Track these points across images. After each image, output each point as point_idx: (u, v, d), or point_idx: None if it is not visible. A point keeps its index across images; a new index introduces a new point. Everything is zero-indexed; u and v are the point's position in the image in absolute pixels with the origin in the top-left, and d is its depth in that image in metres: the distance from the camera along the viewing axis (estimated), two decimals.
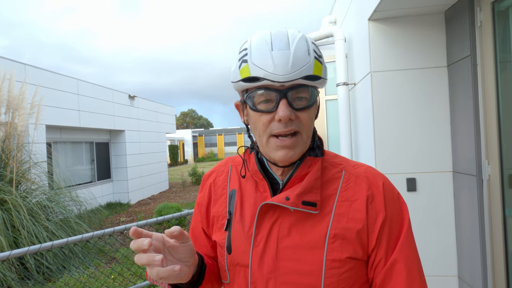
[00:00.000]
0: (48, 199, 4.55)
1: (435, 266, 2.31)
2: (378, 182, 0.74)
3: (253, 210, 0.73)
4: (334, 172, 0.75)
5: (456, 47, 2.14)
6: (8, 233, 3.69)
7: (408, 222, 0.74)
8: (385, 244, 0.70)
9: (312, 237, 0.69)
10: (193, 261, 0.70)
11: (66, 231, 4.25)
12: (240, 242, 0.73)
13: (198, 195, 0.88)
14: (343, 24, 3.33)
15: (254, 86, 0.67)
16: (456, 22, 2.13)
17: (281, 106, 0.66)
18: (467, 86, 2.04)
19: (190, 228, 0.90)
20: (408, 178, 2.32)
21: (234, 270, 0.74)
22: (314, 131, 0.77)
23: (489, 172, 1.92)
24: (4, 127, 4.49)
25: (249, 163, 0.78)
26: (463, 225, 2.18)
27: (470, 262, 2.12)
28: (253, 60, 0.66)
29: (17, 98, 4.64)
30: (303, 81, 0.66)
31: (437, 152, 2.30)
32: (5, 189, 4.07)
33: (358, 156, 2.97)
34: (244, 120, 0.76)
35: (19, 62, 6.43)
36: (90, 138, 9.46)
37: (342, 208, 0.70)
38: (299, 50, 0.66)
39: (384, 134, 2.36)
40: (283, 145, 0.68)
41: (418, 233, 2.32)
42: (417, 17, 2.30)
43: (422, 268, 0.73)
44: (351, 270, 0.68)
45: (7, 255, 1.56)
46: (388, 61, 2.35)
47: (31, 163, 4.72)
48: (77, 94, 8.19)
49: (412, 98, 2.33)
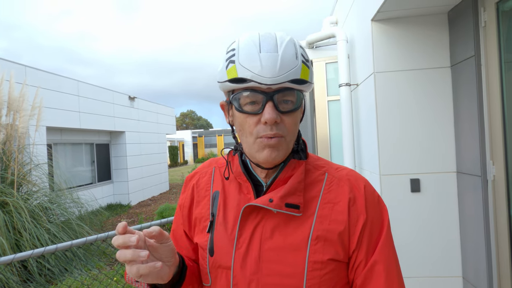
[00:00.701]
0: (50, 201, 4.54)
1: (439, 267, 2.31)
2: (360, 185, 0.74)
3: (236, 212, 0.73)
4: (317, 175, 0.76)
5: (460, 47, 2.14)
6: (10, 236, 3.68)
7: (388, 224, 0.75)
8: (366, 246, 0.70)
9: (294, 239, 0.69)
10: (173, 261, 0.69)
11: (67, 233, 4.23)
12: (222, 244, 0.73)
13: (180, 197, 0.87)
14: (345, 24, 3.32)
15: (241, 87, 0.67)
16: (459, 23, 2.13)
17: (267, 109, 0.66)
18: (471, 87, 2.04)
19: (171, 231, 0.89)
20: (412, 178, 2.32)
21: (216, 273, 0.74)
22: (299, 134, 0.78)
23: (494, 172, 1.92)
24: (5, 129, 4.48)
25: (232, 165, 0.78)
26: (468, 225, 2.18)
27: (474, 263, 2.12)
28: (241, 61, 0.66)
29: (18, 100, 4.63)
30: (290, 84, 0.66)
31: (441, 152, 2.30)
32: (7, 191, 4.05)
33: (360, 157, 2.97)
34: (229, 121, 0.76)
35: (20, 64, 6.42)
36: (90, 139, 9.44)
37: (325, 210, 0.71)
38: (287, 53, 0.66)
39: (388, 134, 2.35)
40: (268, 144, 0.68)
41: (422, 233, 2.32)
42: (420, 18, 2.29)
43: (400, 269, 0.74)
44: (333, 272, 0.69)
45: (11, 259, 1.55)
46: (391, 62, 2.34)
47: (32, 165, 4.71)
48: (78, 96, 8.18)
49: (415, 98, 2.32)
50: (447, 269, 2.30)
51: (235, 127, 0.74)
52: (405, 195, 2.33)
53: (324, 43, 3.41)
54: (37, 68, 6.89)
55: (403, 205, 2.34)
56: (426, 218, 2.32)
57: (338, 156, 3.38)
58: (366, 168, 2.79)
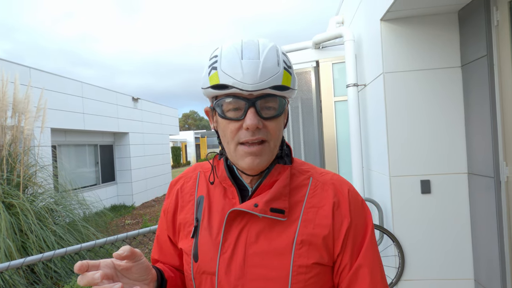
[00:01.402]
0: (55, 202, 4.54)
1: (451, 269, 2.28)
2: (344, 189, 0.74)
3: (221, 217, 0.73)
4: (302, 179, 0.76)
5: (471, 47, 2.11)
6: (16, 238, 3.68)
7: (372, 228, 0.75)
8: (350, 249, 0.71)
9: (279, 243, 0.69)
10: (151, 277, 0.68)
11: (73, 234, 4.23)
12: (207, 249, 0.72)
13: (165, 202, 0.86)
14: (351, 24, 3.30)
15: (223, 93, 0.68)
16: (470, 22, 2.10)
17: (249, 115, 0.66)
18: (483, 86, 2.01)
19: (156, 236, 0.88)
20: (422, 180, 2.29)
21: (200, 279, 0.73)
22: (283, 139, 0.78)
23: (507, 173, 1.89)
24: (11, 131, 4.48)
25: (218, 170, 0.78)
26: (480, 227, 2.15)
27: (487, 265, 2.09)
28: (223, 68, 0.66)
29: (23, 102, 4.63)
30: (271, 91, 0.66)
31: (451, 153, 2.27)
32: (13, 193, 4.06)
33: (368, 158, 2.94)
34: (213, 126, 0.76)
35: (24, 66, 6.43)
36: (94, 140, 9.46)
37: (309, 214, 0.71)
38: (268, 61, 0.66)
39: (397, 135, 2.33)
40: (250, 151, 0.68)
41: (433, 235, 2.29)
42: (430, 17, 2.27)
43: (384, 272, 0.75)
44: (317, 276, 0.69)
45: (21, 262, 1.55)
46: (401, 62, 2.32)
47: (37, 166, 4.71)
48: (82, 97, 8.19)
49: (425, 99, 2.30)
50: (458, 271, 2.27)
51: (219, 132, 0.74)
52: (415, 196, 2.31)
53: (331, 43, 3.38)
54: (41, 70, 6.90)
55: (413, 206, 2.31)
56: (436, 220, 2.29)
57: (345, 157, 3.36)
58: (374, 170, 2.77)
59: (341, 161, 3.41)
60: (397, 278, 2.32)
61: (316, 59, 3.44)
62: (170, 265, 0.84)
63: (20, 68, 6.22)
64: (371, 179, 2.89)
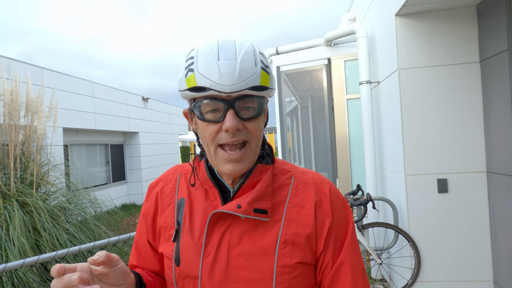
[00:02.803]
0: (67, 201, 4.59)
1: (469, 271, 2.22)
2: (325, 188, 0.74)
3: (203, 219, 0.72)
4: (284, 179, 0.75)
5: (490, 41, 2.05)
6: (30, 236, 3.72)
7: (353, 225, 0.75)
8: (332, 247, 0.71)
9: (263, 244, 0.68)
10: (129, 281, 0.67)
11: (85, 233, 4.26)
12: (189, 253, 0.71)
13: (144, 205, 0.83)
14: (364, 21, 3.24)
15: (201, 96, 0.66)
16: (490, 16, 2.04)
17: (228, 117, 0.65)
18: (503, 82, 1.95)
19: (134, 241, 0.86)
20: (439, 179, 2.23)
21: (182, 283, 0.72)
22: (264, 139, 0.77)
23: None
24: (24, 130, 4.54)
25: (198, 171, 0.77)
26: (499, 228, 2.08)
27: (507, 267, 2.02)
28: (199, 70, 0.65)
29: (36, 102, 4.68)
30: (249, 91, 0.65)
31: (469, 152, 2.21)
32: (26, 192, 4.11)
33: (382, 156, 2.89)
34: (193, 129, 0.75)
35: (37, 66, 6.52)
36: (105, 140, 9.55)
37: (292, 214, 0.71)
38: (246, 61, 0.65)
39: (413, 133, 2.27)
40: (230, 159, 0.67)
41: (450, 236, 2.23)
42: (447, 11, 2.21)
43: (365, 269, 0.74)
44: (301, 275, 0.69)
45: (35, 260, 1.55)
46: (417, 58, 2.26)
47: (50, 165, 4.76)
48: (93, 97, 8.27)
49: (442, 95, 2.24)
50: (476, 273, 2.21)
51: (198, 135, 0.73)
52: (432, 195, 2.25)
53: (342, 40, 3.33)
54: (53, 70, 6.99)
55: (430, 206, 2.26)
56: (454, 220, 2.23)
57: (358, 156, 3.30)
58: (388, 168, 2.72)
59: (353, 160, 3.36)
60: (413, 279, 2.27)
61: (327, 57, 3.40)
62: (149, 270, 0.83)
63: (33, 68, 6.30)
64: (385, 178, 2.83)
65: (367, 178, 2.83)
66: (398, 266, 2.50)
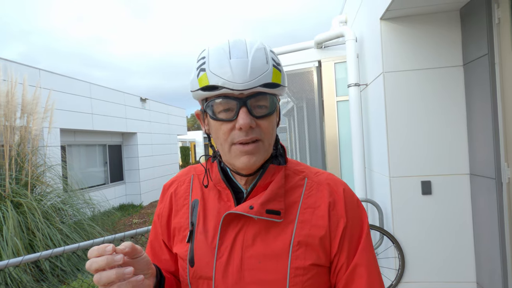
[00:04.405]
0: (62, 201, 4.62)
1: (452, 272, 2.24)
2: (339, 189, 0.74)
3: (217, 220, 0.72)
4: (297, 180, 0.75)
5: (473, 45, 2.07)
6: (24, 236, 3.76)
7: (368, 227, 0.74)
8: (347, 249, 0.70)
9: (276, 246, 0.68)
10: (151, 272, 0.68)
11: (79, 233, 4.30)
12: (203, 253, 0.71)
13: (158, 206, 0.84)
14: (354, 23, 3.27)
15: (213, 94, 0.66)
16: (472, 20, 2.06)
17: (241, 115, 0.65)
18: (484, 86, 1.97)
19: (149, 241, 0.87)
20: (423, 181, 2.26)
21: (196, 284, 0.72)
22: (277, 139, 0.77)
23: (509, 175, 1.85)
24: (19, 131, 4.58)
25: (211, 172, 0.77)
26: (482, 229, 2.11)
27: (489, 268, 2.05)
28: (211, 69, 0.65)
29: (31, 103, 4.72)
30: (262, 89, 0.66)
31: (453, 154, 2.23)
32: (21, 192, 4.14)
33: (370, 159, 2.91)
34: (205, 130, 0.75)
35: (34, 67, 6.56)
36: (103, 140, 9.59)
37: (305, 215, 0.71)
38: (257, 59, 0.66)
39: (398, 136, 2.30)
40: (245, 150, 0.67)
41: (434, 237, 2.25)
42: (431, 15, 2.23)
43: (380, 270, 0.74)
44: (315, 277, 0.68)
45: (19, 261, 1.58)
46: (401, 61, 2.29)
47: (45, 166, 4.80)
48: (90, 98, 8.31)
49: (426, 98, 2.26)
50: (460, 274, 2.23)
51: (212, 135, 0.73)
52: (416, 197, 2.27)
53: (333, 42, 3.36)
54: (50, 71, 7.03)
55: (414, 208, 2.28)
56: (437, 221, 2.26)
57: (348, 158, 3.33)
58: (375, 170, 2.74)
59: (343, 162, 3.39)
60: (397, 280, 2.29)
61: (318, 59, 3.42)
62: (165, 271, 0.83)
63: (30, 69, 6.34)
64: (373, 180, 2.85)
65: (355, 180, 2.85)
66: (383, 267, 2.52)
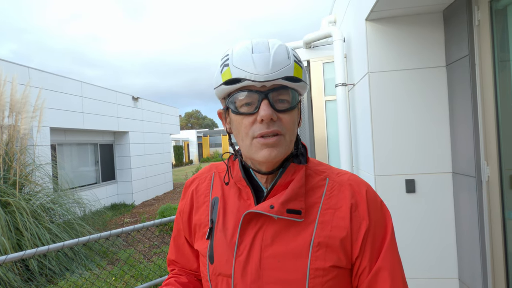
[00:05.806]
0: (52, 201, 4.59)
1: (435, 269, 2.28)
2: (362, 190, 0.72)
3: (236, 219, 0.72)
4: (318, 180, 0.74)
5: (455, 46, 2.11)
6: (12, 235, 3.73)
7: (392, 230, 0.73)
8: (369, 252, 0.69)
9: (296, 246, 0.68)
10: None
11: (69, 233, 4.28)
12: (222, 251, 0.72)
13: (180, 203, 0.86)
14: (342, 24, 3.30)
15: (236, 88, 0.67)
16: (454, 21, 2.10)
17: (263, 106, 0.66)
18: (465, 86, 2.01)
19: (172, 237, 0.88)
20: (407, 179, 2.30)
21: (216, 280, 0.72)
22: (298, 137, 0.76)
23: (488, 173, 1.89)
24: (8, 130, 4.53)
25: (233, 170, 0.77)
26: (463, 227, 2.15)
27: (470, 264, 2.09)
28: (234, 63, 0.67)
29: (20, 102, 4.68)
30: (283, 81, 0.66)
31: (436, 153, 2.27)
32: (9, 192, 4.11)
33: (358, 158, 2.95)
34: (227, 129, 0.76)
35: (23, 66, 6.49)
36: (94, 139, 9.52)
37: (326, 216, 0.70)
38: (279, 54, 0.67)
39: (382, 135, 2.33)
40: (266, 143, 0.67)
41: (418, 235, 2.30)
42: (415, 17, 2.27)
43: (405, 275, 0.72)
44: (335, 279, 0.67)
45: (3, 259, 1.58)
46: (386, 62, 2.32)
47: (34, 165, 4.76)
48: (81, 97, 8.25)
49: (410, 98, 2.30)
50: (443, 270, 2.28)
51: (233, 131, 0.73)
52: (400, 196, 2.31)
53: (322, 42, 3.39)
54: (40, 70, 6.96)
55: (398, 206, 2.32)
56: (421, 219, 2.30)
57: (336, 157, 3.36)
58: (362, 169, 2.78)
59: (332, 161, 3.42)
60: None
61: (307, 59, 3.45)
62: (187, 268, 0.85)
63: (19, 68, 6.27)
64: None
65: None
66: None
